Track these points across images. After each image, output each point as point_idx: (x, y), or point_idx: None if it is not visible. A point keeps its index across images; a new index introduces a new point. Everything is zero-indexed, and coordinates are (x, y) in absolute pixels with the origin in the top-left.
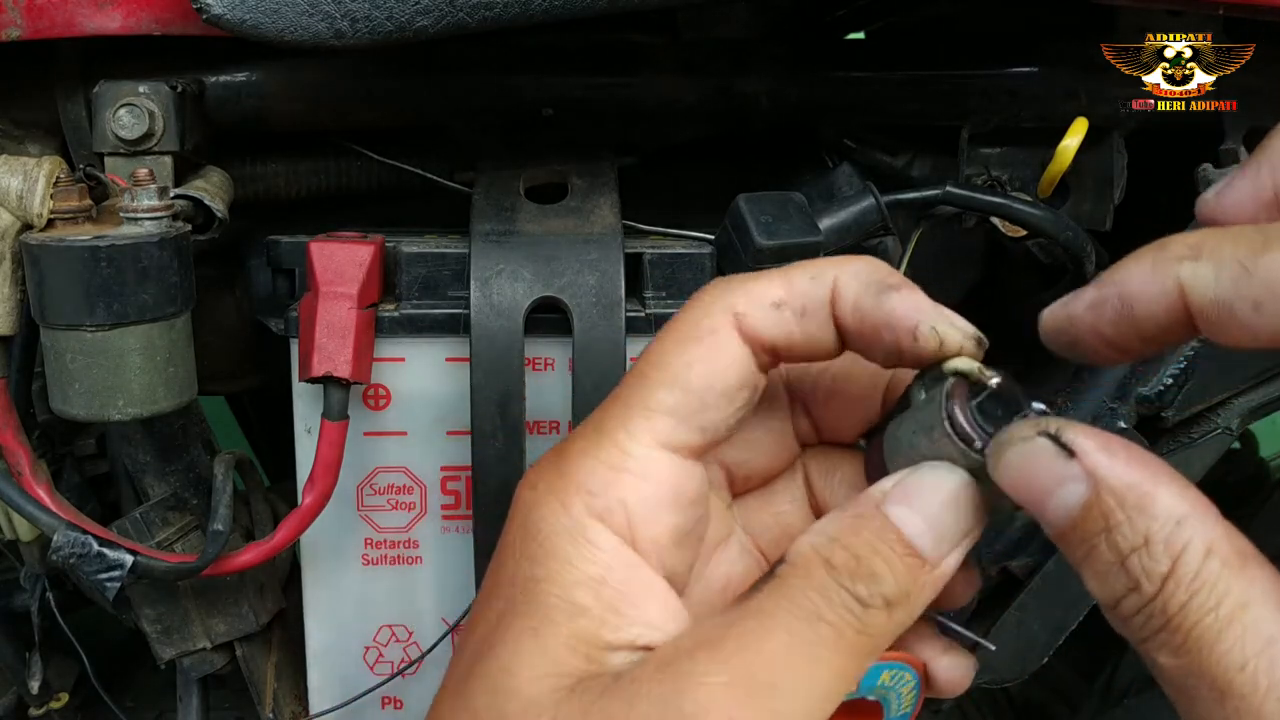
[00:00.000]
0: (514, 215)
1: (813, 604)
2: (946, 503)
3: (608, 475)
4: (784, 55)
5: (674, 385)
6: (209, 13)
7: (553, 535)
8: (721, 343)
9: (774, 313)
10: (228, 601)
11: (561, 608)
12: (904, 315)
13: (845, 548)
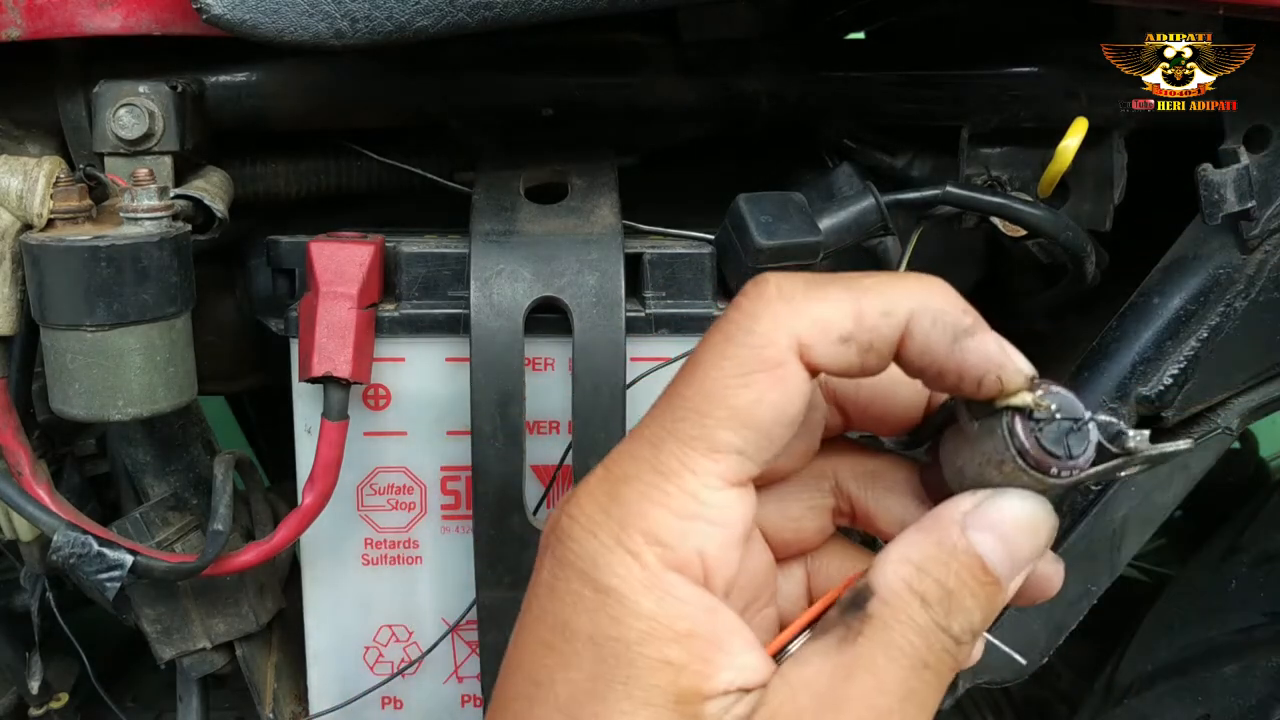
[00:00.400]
0: (514, 215)
1: (916, 650)
2: (1025, 530)
3: (682, 525)
4: (784, 55)
5: (743, 425)
6: (209, 13)
7: (632, 593)
8: (789, 377)
9: (840, 347)
10: (228, 601)
11: (658, 669)
12: (976, 365)
13: (937, 581)
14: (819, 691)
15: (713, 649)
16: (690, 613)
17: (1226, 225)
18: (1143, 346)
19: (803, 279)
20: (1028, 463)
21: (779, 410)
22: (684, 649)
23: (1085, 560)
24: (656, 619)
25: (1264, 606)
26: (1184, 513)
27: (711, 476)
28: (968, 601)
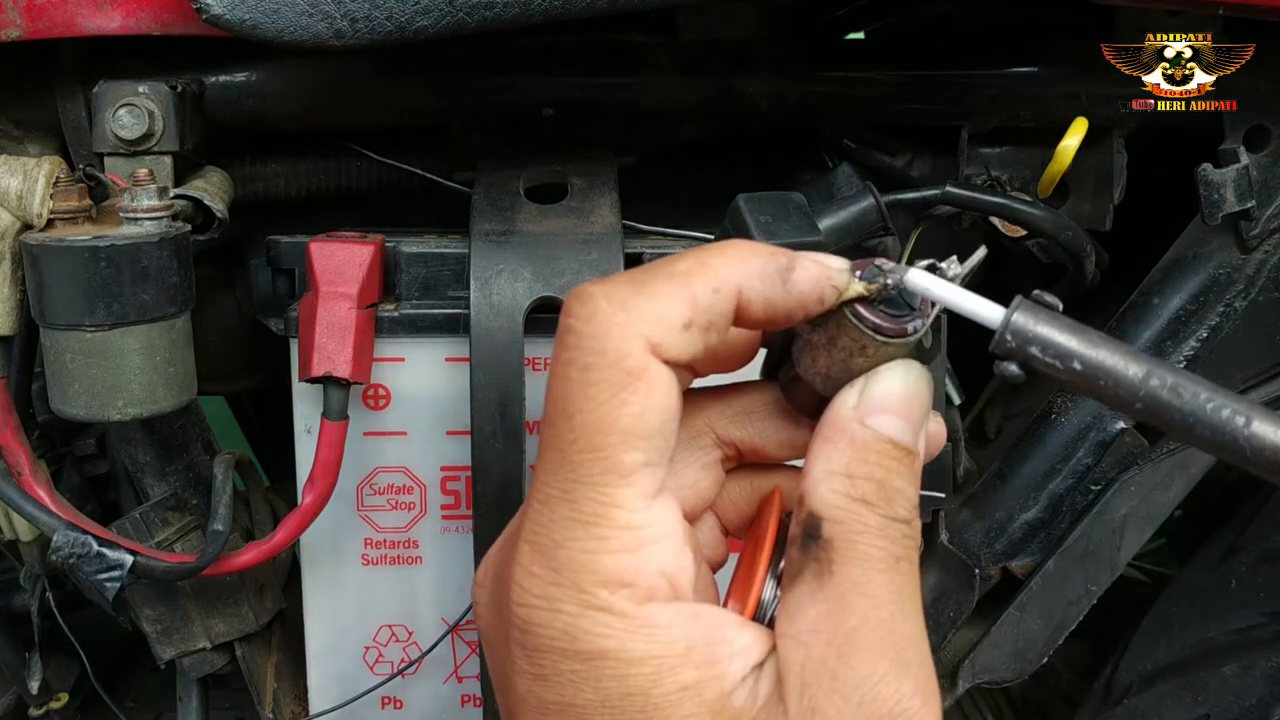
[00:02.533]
0: (514, 215)
1: (885, 550)
2: (912, 394)
3: (633, 559)
4: (784, 55)
5: (639, 439)
6: (209, 13)
7: (622, 645)
8: (655, 379)
9: (685, 335)
10: (228, 601)
11: (682, 699)
12: (811, 290)
13: (867, 479)
14: (828, 635)
15: (714, 649)
16: (681, 632)
17: (1226, 225)
18: (1143, 346)
19: (623, 281)
20: (889, 335)
21: (662, 411)
22: (692, 666)
23: (1085, 560)
24: (656, 655)
25: (1264, 606)
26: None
27: (634, 500)
28: (898, 482)
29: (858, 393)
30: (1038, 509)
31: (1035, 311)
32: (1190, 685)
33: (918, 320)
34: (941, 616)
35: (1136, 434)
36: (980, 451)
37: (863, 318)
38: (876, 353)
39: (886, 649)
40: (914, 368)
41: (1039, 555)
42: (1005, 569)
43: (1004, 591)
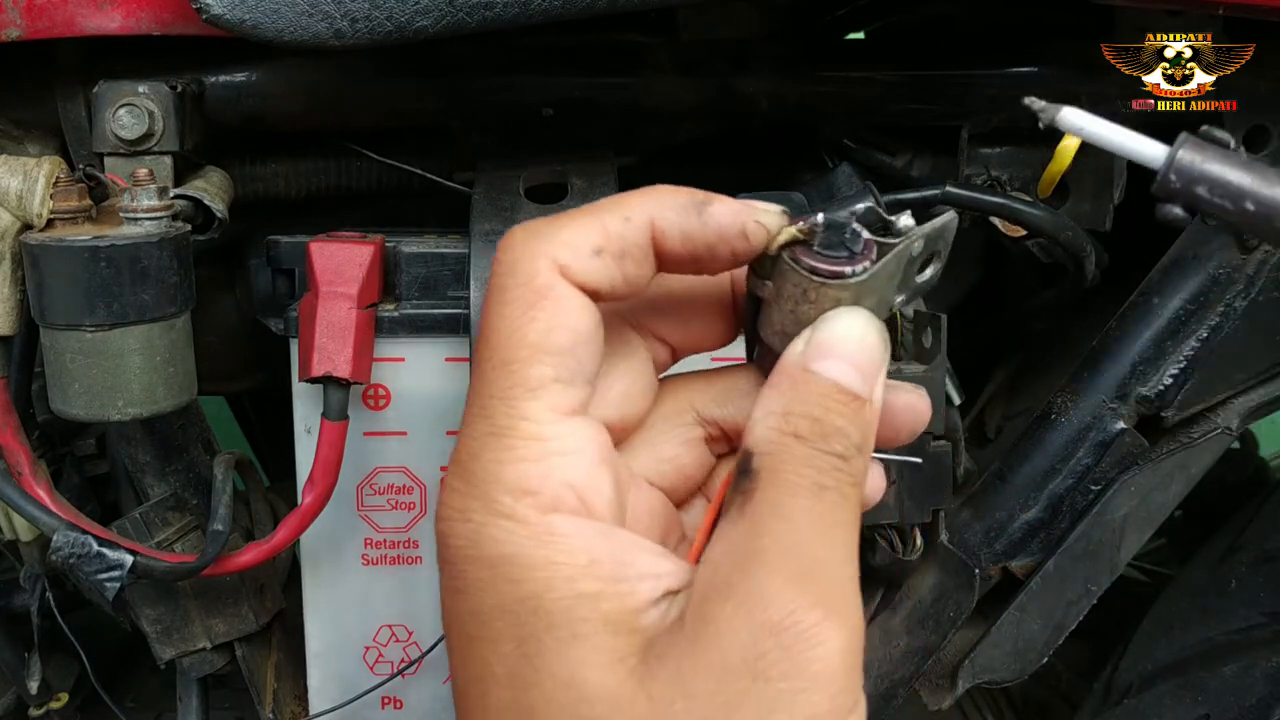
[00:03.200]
0: (514, 215)
1: (813, 478)
2: (857, 339)
3: (538, 467)
4: (784, 55)
5: (547, 354)
6: (209, 13)
7: (521, 551)
8: (563, 297)
9: (595, 260)
10: (228, 601)
11: (576, 606)
12: (730, 222)
13: (803, 416)
14: (737, 554)
15: (622, 567)
16: (584, 544)
17: None
18: (1143, 346)
19: (547, 219)
20: (826, 276)
21: (570, 331)
22: (593, 579)
23: (1085, 560)
24: (554, 562)
25: (1264, 606)
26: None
27: (542, 413)
28: (838, 421)
29: (804, 341)
30: (1038, 509)
31: (1202, 148)
32: (1190, 685)
33: (859, 263)
34: (941, 616)
35: (1136, 434)
36: (980, 451)
37: (799, 260)
38: (819, 297)
39: (790, 566)
40: (860, 314)
41: (1039, 555)
42: (1005, 569)
43: (1004, 591)
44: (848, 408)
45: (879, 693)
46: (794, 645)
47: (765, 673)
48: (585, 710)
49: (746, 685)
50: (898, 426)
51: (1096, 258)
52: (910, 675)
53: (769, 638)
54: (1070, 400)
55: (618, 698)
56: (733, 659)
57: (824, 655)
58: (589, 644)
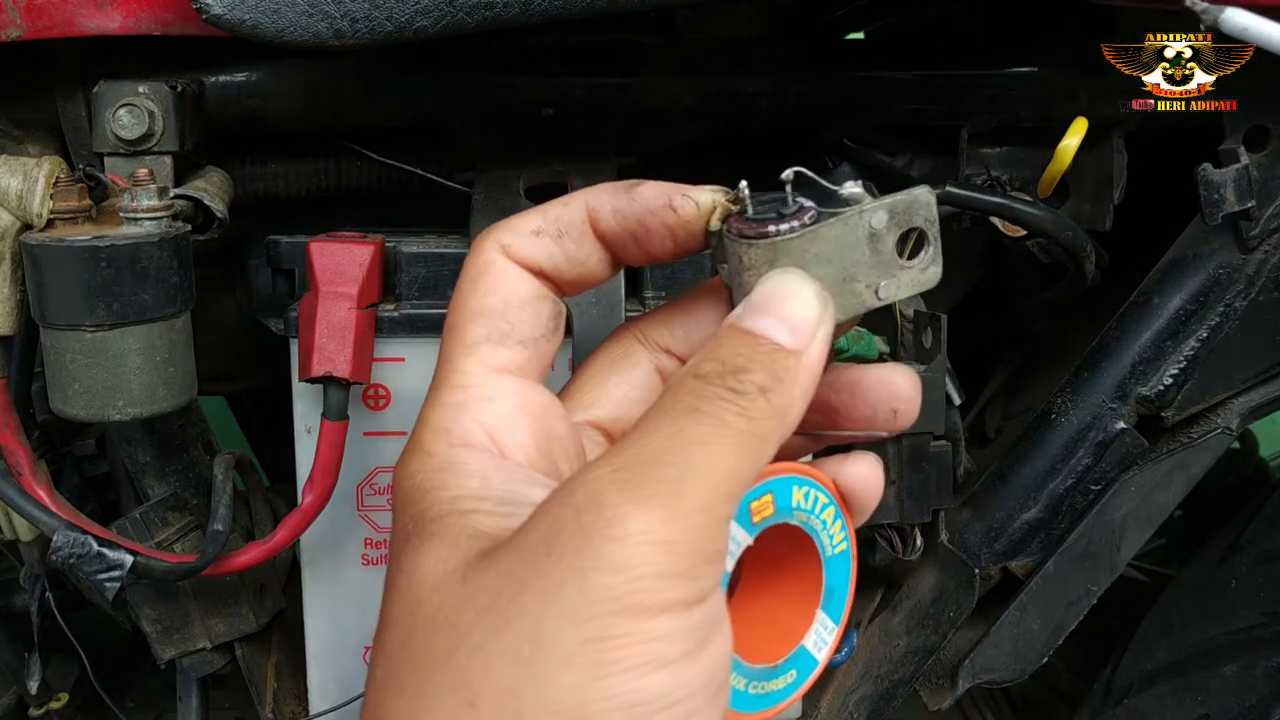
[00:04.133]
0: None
1: (688, 403)
2: (784, 295)
3: (454, 410)
4: (784, 55)
5: (481, 316)
6: (209, 13)
7: (426, 477)
8: (501, 269)
9: (534, 240)
10: (228, 601)
11: (452, 515)
12: (655, 197)
13: (709, 359)
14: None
15: (511, 496)
16: (480, 473)
17: (1226, 225)
18: (1143, 346)
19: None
20: (752, 237)
21: (503, 296)
22: (475, 499)
23: (1085, 560)
24: (446, 486)
25: (1264, 606)
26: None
27: (472, 365)
28: (744, 363)
29: (741, 306)
30: (1038, 509)
31: None
32: (1190, 685)
33: (786, 223)
34: (941, 616)
35: (1136, 434)
36: (980, 451)
37: (732, 227)
38: (753, 261)
39: (619, 460)
40: (792, 273)
41: (1039, 555)
42: (1005, 569)
43: (1004, 591)
44: (762, 354)
45: (879, 693)
46: (591, 525)
47: (560, 549)
48: (415, 593)
49: (540, 561)
50: (873, 403)
51: (1096, 258)
52: (910, 675)
53: (570, 517)
54: (1070, 400)
55: (441, 581)
56: (535, 538)
57: (621, 536)
58: (440, 540)
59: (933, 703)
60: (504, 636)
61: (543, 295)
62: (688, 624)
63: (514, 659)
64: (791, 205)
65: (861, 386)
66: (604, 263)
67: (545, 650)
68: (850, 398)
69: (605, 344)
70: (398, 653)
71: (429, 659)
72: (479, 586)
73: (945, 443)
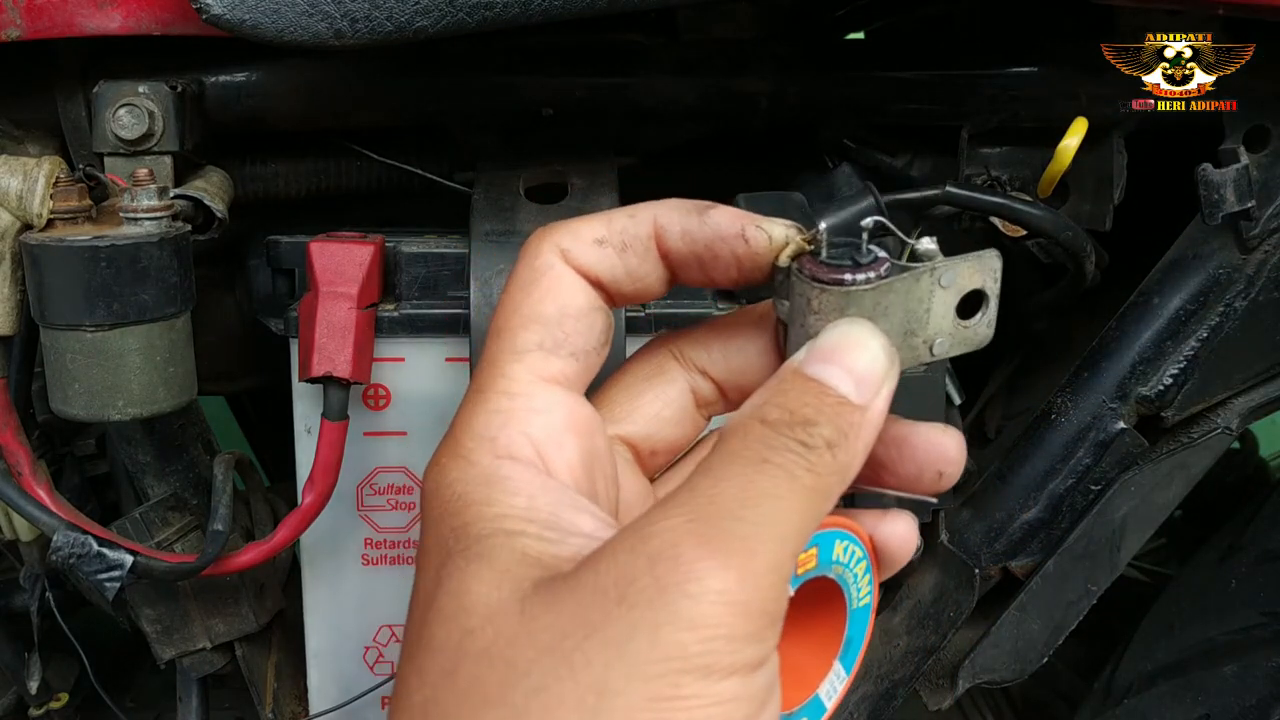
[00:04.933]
0: (514, 215)
1: (757, 452)
2: (854, 346)
3: (501, 417)
4: (784, 55)
5: (534, 323)
6: (209, 13)
7: (468, 488)
8: (559, 275)
9: (597, 249)
10: (228, 601)
11: (499, 535)
12: (729, 224)
13: (778, 406)
14: (663, 499)
15: (557, 519)
16: (526, 490)
17: (1226, 225)
18: (1143, 346)
19: (578, 218)
20: (826, 283)
21: (559, 304)
22: (522, 519)
23: (1085, 560)
24: (490, 502)
25: (1264, 606)
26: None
27: (521, 374)
28: (812, 414)
29: (805, 349)
30: (1038, 509)
31: None
32: (1190, 685)
33: (862, 273)
34: (941, 616)
35: (1136, 434)
36: (980, 451)
37: (804, 268)
38: (822, 306)
39: (693, 510)
40: (863, 324)
41: (1039, 555)
42: (1005, 569)
43: (1004, 591)
44: (829, 407)
45: (879, 693)
46: (666, 577)
47: (632, 599)
48: (463, 620)
49: (610, 608)
50: (920, 463)
51: (1096, 258)
52: (910, 675)
53: (645, 566)
54: (1070, 400)
55: (495, 611)
56: (605, 581)
57: (697, 593)
58: (489, 564)
59: (933, 703)
60: (566, 682)
61: (598, 306)
62: (751, 688)
63: (577, 706)
64: (866, 255)
65: (910, 445)
66: (662, 280)
67: (611, 701)
68: (898, 454)
69: (639, 356)
70: (441, 681)
71: (480, 693)
72: (540, 625)
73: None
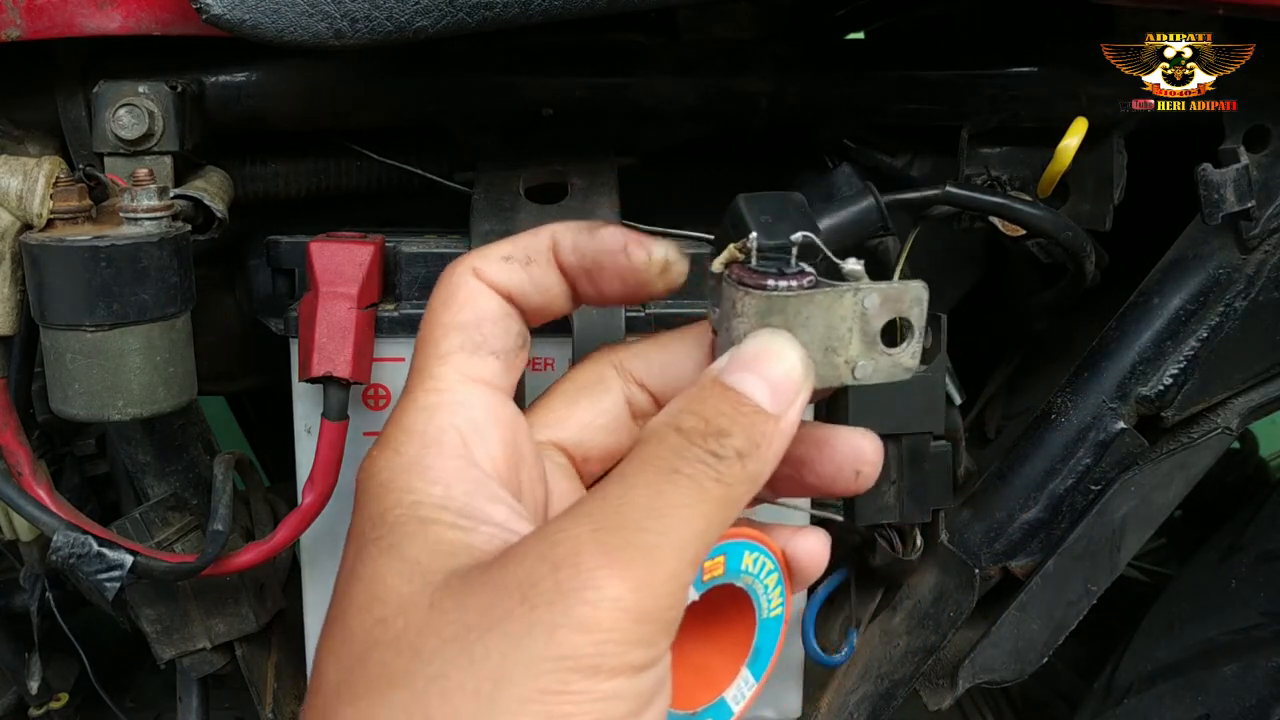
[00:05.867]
0: (514, 215)
1: (669, 462)
2: (771, 356)
3: (428, 413)
4: (784, 55)
5: (454, 330)
6: (209, 13)
7: (390, 475)
8: (472, 289)
9: (504, 264)
10: (228, 601)
11: (412, 522)
12: (613, 240)
13: (692, 413)
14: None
15: (472, 508)
16: (445, 479)
17: (1226, 225)
18: (1143, 346)
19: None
20: (750, 285)
21: (476, 311)
22: (439, 509)
23: (1085, 560)
24: (409, 489)
25: (1264, 606)
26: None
27: (446, 374)
28: (724, 424)
29: (726, 356)
30: (1038, 509)
31: None
32: (1190, 685)
33: (785, 280)
34: (941, 616)
35: (1136, 434)
36: (980, 451)
37: (733, 273)
38: (744, 309)
39: (600, 519)
40: (783, 336)
41: (1039, 555)
42: (1005, 569)
43: (1004, 591)
44: (744, 416)
45: (879, 693)
46: (567, 582)
47: (534, 600)
48: (377, 609)
49: (512, 606)
50: (839, 463)
51: (1096, 258)
52: (910, 675)
53: (548, 570)
54: (1070, 400)
55: (406, 603)
56: (511, 581)
57: (595, 600)
58: (401, 556)
59: (933, 703)
60: (465, 670)
61: (511, 314)
62: (637, 687)
63: (473, 693)
64: (793, 267)
65: (830, 446)
66: (565, 295)
67: (504, 691)
68: (818, 453)
69: (580, 365)
70: (354, 665)
71: (386, 677)
72: (447, 618)
73: (945, 443)
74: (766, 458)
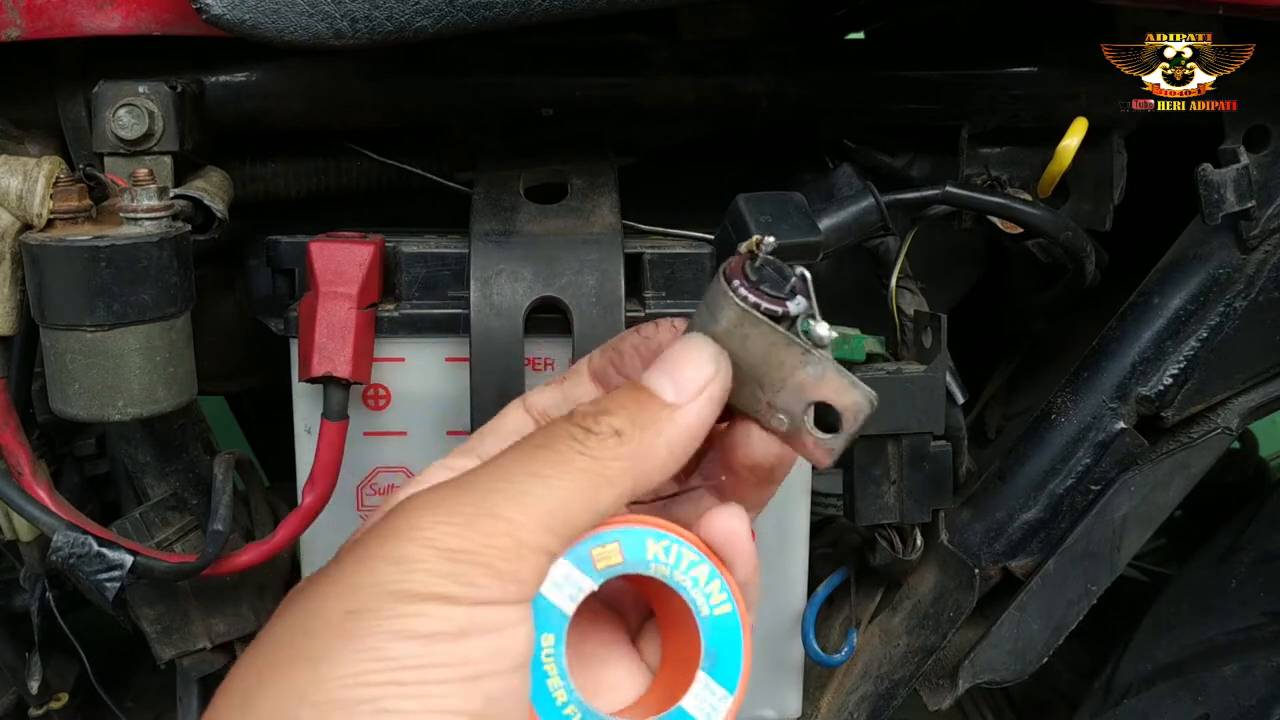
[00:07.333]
0: (514, 215)
1: (538, 440)
2: (682, 355)
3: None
4: (784, 55)
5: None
6: (209, 13)
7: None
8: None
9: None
10: (228, 601)
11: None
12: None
13: (593, 404)
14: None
15: None
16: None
17: (1226, 225)
18: (1143, 346)
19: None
20: (725, 278)
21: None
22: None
23: (1085, 560)
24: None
25: (1264, 606)
26: (1184, 513)
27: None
28: (609, 405)
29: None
30: (1038, 509)
31: None
32: (1190, 685)
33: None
34: (941, 616)
35: (1136, 434)
36: (980, 451)
37: (726, 266)
38: (711, 296)
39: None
40: (702, 339)
41: (1039, 555)
42: (1005, 569)
43: (1004, 591)
44: (634, 402)
45: (879, 693)
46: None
47: (365, 541)
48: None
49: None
50: (739, 456)
51: (1096, 258)
52: (910, 675)
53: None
54: (1070, 400)
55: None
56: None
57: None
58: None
59: (933, 703)
60: (288, 613)
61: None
62: (447, 614)
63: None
64: (773, 289)
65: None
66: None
67: (316, 619)
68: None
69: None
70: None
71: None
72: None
73: (945, 443)
74: (653, 443)
